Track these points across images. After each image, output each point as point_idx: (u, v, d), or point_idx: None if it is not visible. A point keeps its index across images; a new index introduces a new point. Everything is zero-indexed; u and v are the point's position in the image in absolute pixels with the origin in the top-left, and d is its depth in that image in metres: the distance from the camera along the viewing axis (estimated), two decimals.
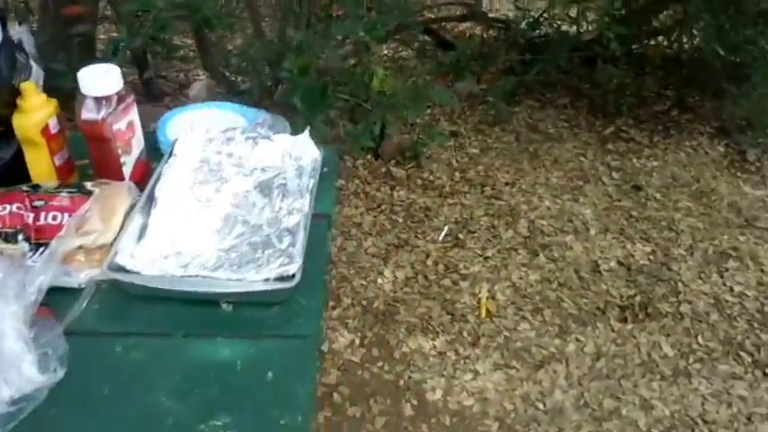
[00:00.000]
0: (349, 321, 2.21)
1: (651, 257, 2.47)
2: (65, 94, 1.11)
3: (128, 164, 1.08)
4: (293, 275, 0.90)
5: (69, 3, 2.58)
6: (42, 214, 0.93)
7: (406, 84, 2.73)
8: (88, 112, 1.01)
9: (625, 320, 2.21)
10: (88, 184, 0.99)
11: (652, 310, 2.24)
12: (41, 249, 0.90)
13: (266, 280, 0.90)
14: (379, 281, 2.38)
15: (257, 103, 3.02)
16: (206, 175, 1.10)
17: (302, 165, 1.12)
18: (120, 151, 1.05)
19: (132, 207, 1.01)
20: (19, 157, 1.06)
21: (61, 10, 2.57)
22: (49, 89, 1.07)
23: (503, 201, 2.78)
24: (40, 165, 1.06)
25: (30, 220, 0.93)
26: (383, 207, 2.73)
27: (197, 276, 0.90)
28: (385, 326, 2.20)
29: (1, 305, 0.78)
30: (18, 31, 2.52)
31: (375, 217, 2.67)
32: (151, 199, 1.03)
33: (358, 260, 2.46)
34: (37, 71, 1.09)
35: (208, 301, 0.91)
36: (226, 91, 3.05)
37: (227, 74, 2.98)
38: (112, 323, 0.90)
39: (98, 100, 1.01)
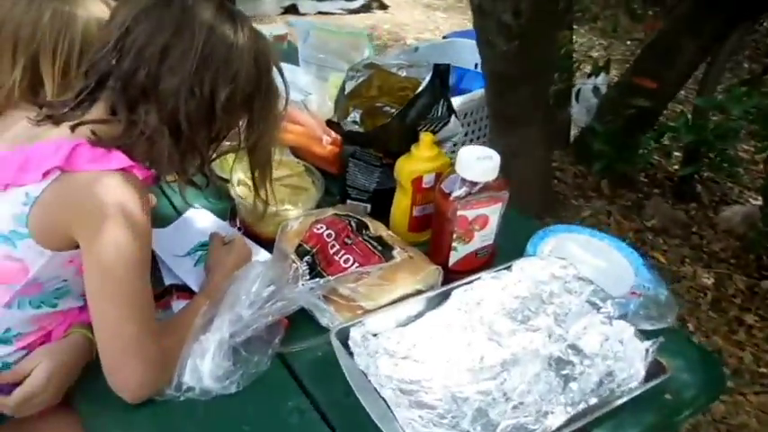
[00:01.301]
0: None
1: None
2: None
3: (458, 252, 1.06)
4: None
5: (650, 75, 2.59)
6: (342, 252, 1.00)
7: None
8: (446, 185, 1.02)
9: None
10: (396, 251, 1.01)
11: None
12: (317, 279, 0.97)
13: None
14: None
15: None
16: (518, 310, 0.99)
17: (612, 372, 0.89)
18: (454, 236, 1.04)
19: (419, 293, 0.99)
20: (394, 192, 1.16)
21: (634, 77, 2.61)
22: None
23: None
24: (399, 208, 1.14)
25: (330, 251, 1.01)
26: None
27: (382, 401, 0.83)
28: None
29: (236, 305, 0.89)
30: (585, 82, 2.70)
31: None
32: (444, 297, 0.99)
33: None
34: (454, 128, 1.15)
35: None
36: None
37: None
38: (311, 376, 0.92)
39: (463, 180, 1.01)
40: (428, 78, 1.08)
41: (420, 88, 1.07)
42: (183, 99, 0.84)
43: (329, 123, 1.15)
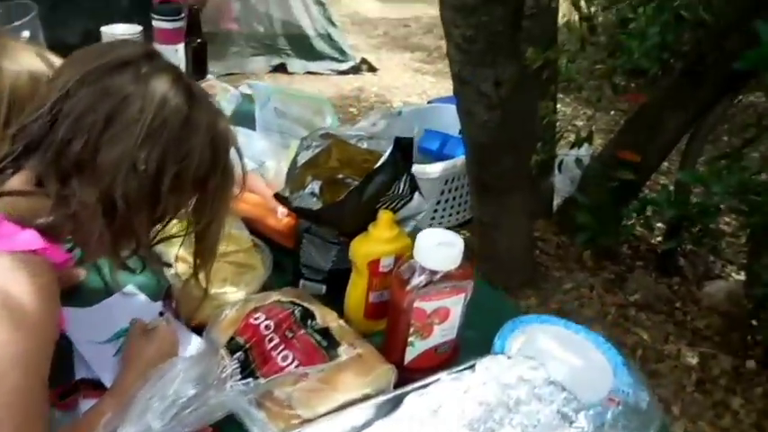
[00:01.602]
0: None
1: None
2: None
3: (415, 347, 0.91)
4: None
5: (633, 147, 2.50)
6: (282, 347, 0.86)
7: None
8: (403, 272, 0.88)
9: None
10: (343, 348, 0.86)
11: None
12: (249, 381, 0.82)
13: None
14: None
15: None
16: (480, 419, 0.83)
17: None
18: (411, 330, 0.89)
19: (368, 398, 0.84)
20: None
21: (617, 150, 2.52)
22: None
23: None
24: (355, 292, 1.00)
25: (267, 346, 0.86)
26: None
27: None
28: None
29: (146, 413, 0.74)
30: (568, 153, 2.60)
31: None
32: (396, 404, 0.84)
33: None
34: (418, 206, 1.02)
35: None
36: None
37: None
38: None
39: (422, 268, 0.87)
40: (389, 152, 0.95)
41: (379, 162, 0.95)
42: (123, 175, 0.72)
43: (277, 197, 1.02)
